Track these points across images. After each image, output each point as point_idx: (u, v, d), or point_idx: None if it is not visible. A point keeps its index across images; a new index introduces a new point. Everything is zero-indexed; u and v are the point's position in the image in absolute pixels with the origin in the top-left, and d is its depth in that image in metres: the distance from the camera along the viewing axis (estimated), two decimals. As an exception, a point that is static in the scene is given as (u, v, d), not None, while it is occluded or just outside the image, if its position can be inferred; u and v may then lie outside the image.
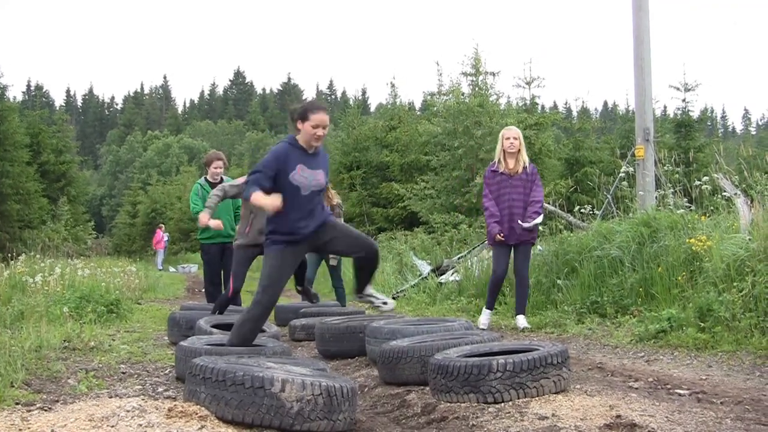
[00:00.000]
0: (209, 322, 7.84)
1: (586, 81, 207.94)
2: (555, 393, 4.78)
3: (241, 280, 8.73)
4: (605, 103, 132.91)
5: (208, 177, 10.79)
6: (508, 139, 9.22)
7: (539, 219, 9.08)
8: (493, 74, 26.83)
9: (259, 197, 5.83)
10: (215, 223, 9.72)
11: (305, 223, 6.10)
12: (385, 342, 6.25)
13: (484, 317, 9.32)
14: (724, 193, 9.57)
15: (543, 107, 51.23)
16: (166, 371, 6.78)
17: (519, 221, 8.98)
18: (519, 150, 9.21)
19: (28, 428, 3.84)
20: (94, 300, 10.87)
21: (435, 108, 27.78)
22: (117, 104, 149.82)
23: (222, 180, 10.60)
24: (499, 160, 9.24)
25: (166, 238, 41.12)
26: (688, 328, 7.17)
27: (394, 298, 13.43)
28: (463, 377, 4.75)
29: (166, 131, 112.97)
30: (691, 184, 10.23)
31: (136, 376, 6.48)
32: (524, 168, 9.17)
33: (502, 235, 9.02)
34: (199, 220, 9.69)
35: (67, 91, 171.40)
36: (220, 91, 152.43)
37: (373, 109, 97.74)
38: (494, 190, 9.20)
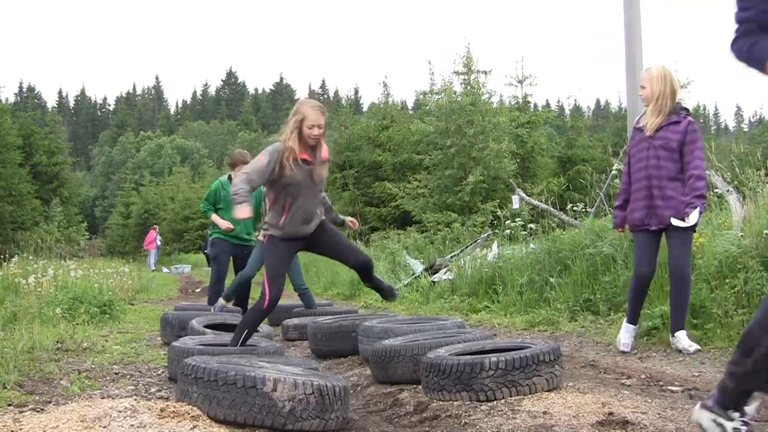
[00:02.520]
0: (202, 323, 7.84)
1: (578, 79, 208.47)
2: (547, 391, 4.78)
3: (280, 286, 6.36)
4: (597, 101, 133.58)
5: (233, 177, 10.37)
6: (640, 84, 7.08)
7: (695, 213, 6.38)
8: (485, 73, 26.86)
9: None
10: (224, 225, 10.06)
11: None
12: (378, 341, 6.25)
13: (626, 335, 7.00)
14: (717, 190, 9.58)
15: (535, 105, 51.33)
16: (159, 372, 6.78)
17: (658, 206, 6.62)
18: (659, 95, 6.82)
19: (20, 429, 3.83)
20: (87, 301, 10.85)
21: (427, 107, 27.78)
22: (109, 105, 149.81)
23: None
24: (645, 112, 6.99)
25: (158, 240, 41.08)
26: (681, 325, 7.17)
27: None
28: (456, 375, 4.75)
29: (158, 132, 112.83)
30: (683, 182, 10.21)
31: (128, 376, 6.47)
32: (673, 122, 6.70)
33: (620, 229, 7.24)
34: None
35: (60, 93, 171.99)
36: (212, 91, 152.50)
37: (365, 108, 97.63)
38: (634, 154, 6.93)
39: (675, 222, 6.43)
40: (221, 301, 9.92)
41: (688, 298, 6.71)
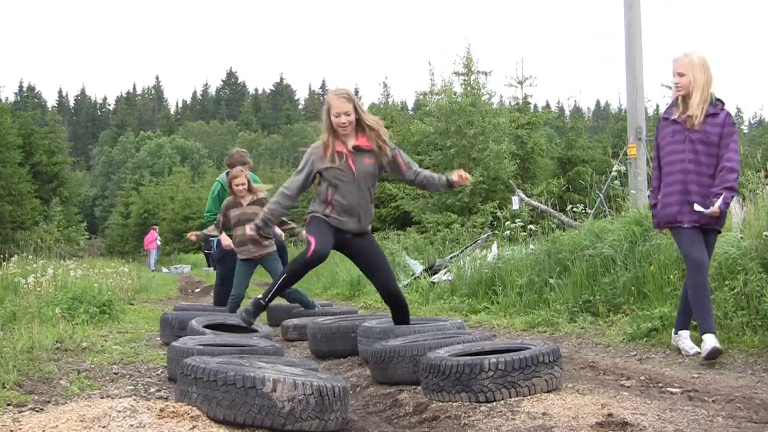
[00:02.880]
0: (201, 323, 7.84)
1: (578, 80, 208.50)
2: (547, 392, 4.78)
3: (327, 243, 6.15)
4: (597, 102, 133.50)
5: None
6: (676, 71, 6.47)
7: (720, 202, 6.13)
8: (485, 73, 26.90)
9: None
10: (225, 242, 10.04)
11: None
12: (377, 342, 6.24)
13: (709, 341, 6.10)
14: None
15: (535, 106, 51.29)
16: (158, 372, 6.77)
17: (695, 201, 6.26)
18: (704, 84, 6.37)
19: (20, 429, 3.84)
20: (86, 301, 10.85)
21: (427, 108, 27.80)
22: (109, 105, 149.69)
23: (249, 183, 9.80)
24: (676, 102, 6.54)
25: (158, 241, 41.10)
26: (680, 327, 7.17)
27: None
28: (455, 376, 4.75)
29: (158, 132, 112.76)
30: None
31: (128, 376, 6.47)
32: (710, 114, 6.33)
33: (663, 230, 6.83)
34: (222, 242, 10.10)
35: (60, 92, 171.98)
36: (212, 91, 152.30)
37: (365, 108, 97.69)
38: (665, 146, 6.52)
39: (697, 207, 6.15)
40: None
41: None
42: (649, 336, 7.35)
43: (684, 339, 6.58)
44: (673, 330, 6.77)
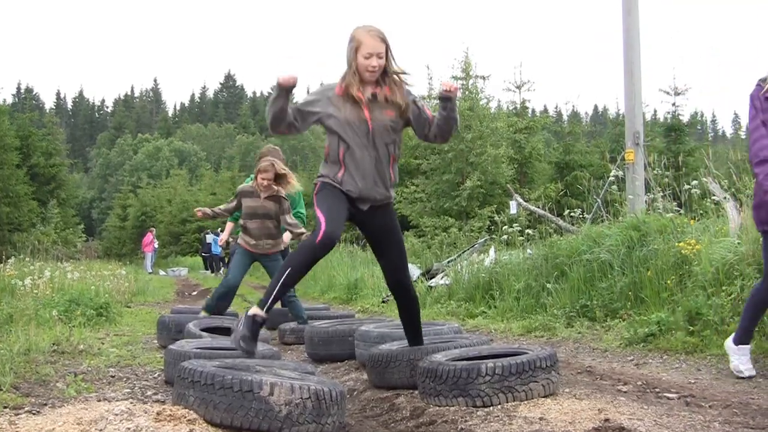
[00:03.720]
0: (198, 326, 7.83)
1: (576, 85, 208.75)
2: (544, 396, 4.78)
3: (338, 223, 5.23)
4: (595, 107, 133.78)
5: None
6: None
7: None
8: (483, 78, 26.96)
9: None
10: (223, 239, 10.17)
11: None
12: (374, 346, 6.24)
13: (744, 359, 5.82)
14: (714, 197, 9.59)
15: (533, 111, 51.31)
16: (155, 375, 6.77)
17: None
18: None
19: (16, 432, 3.84)
20: (83, 303, 10.84)
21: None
22: (107, 107, 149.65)
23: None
24: None
25: (156, 243, 41.09)
26: (677, 332, 7.18)
27: (383, 302, 13.45)
28: (452, 381, 4.75)
29: (156, 134, 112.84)
30: (680, 188, 10.25)
31: (125, 379, 6.46)
32: None
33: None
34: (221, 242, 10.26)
35: (57, 94, 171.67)
36: (210, 94, 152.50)
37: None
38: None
39: None
40: (202, 313, 9.20)
41: None
42: (646, 341, 7.35)
43: (741, 357, 5.81)
44: (731, 339, 5.93)
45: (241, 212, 9.23)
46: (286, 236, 9.49)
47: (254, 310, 5.14)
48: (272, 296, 5.15)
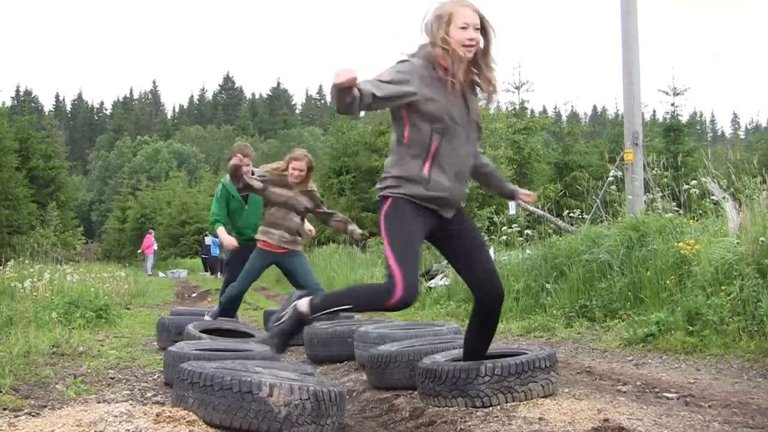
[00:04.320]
0: (198, 327, 7.83)
1: (575, 85, 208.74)
2: (543, 397, 4.77)
3: (415, 268, 4.37)
4: (594, 108, 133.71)
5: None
6: None
7: None
8: (483, 78, 26.83)
9: None
10: (228, 241, 9.14)
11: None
12: (374, 346, 6.24)
13: None
14: (713, 197, 9.59)
15: (532, 112, 51.35)
16: (155, 376, 6.77)
17: None
18: None
19: (15, 434, 3.84)
20: (83, 305, 10.85)
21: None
22: (106, 109, 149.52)
23: (253, 174, 8.90)
24: None
25: (155, 245, 41.10)
26: (677, 332, 7.18)
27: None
28: (451, 381, 4.74)
29: (155, 136, 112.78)
30: (679, 188, 10.25)
31: (124, 381, 6.47)
32: None
33: None
34: (223, 240, 9.13)
35: (56, 97, 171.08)
36: (209, 96, 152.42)
37: (362, 113, 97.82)
38: None
39: None
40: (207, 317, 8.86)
41: None
42: (645, 341, 7.36)
43: None
44: None
45: (263, 202, 8.62)
46: (307, 225, 9.02)
47: (305, 307, 4.56)
48: (326, 311, 4.50)
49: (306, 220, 8.87)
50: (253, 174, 8.90)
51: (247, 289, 8.75)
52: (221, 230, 9.28)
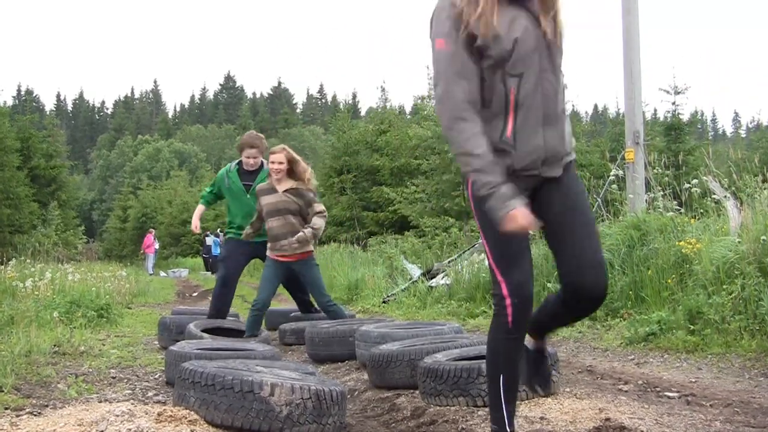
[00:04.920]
0: (199, 327, 7.83)
1: (575, 84, 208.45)
2: (544, 396, 4.78)
3: (524, 271, 3.53)
4: (595, 107, 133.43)
5: (243, 164, 8.98)
6: None
7: None
8: (483, 78, 26.83)
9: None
10: (193, 223, 9.29)
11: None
12: (375, 346, 6.24)
13: None
14: (714, 196, 9.58)
15: (533, 111, 51.27)
16: (156, 376, 6.77)
17: None
18: None
19: (17, 433, 3.84)
20: (84, 305, 10.85)
21: (425, 112, 27.83)
22: (107, 109, 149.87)
23: (262, 166, 8.86)
24: None
25: (156, 244, 41.12)
26: (678, 331, 7.18)
27: (384, 302, 13.45)
28: (453, 380, 4.74)
29: (156, 136, 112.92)
30: (680, 187, 10.24)
31: (125, 380, 6.47)
32: None
33: None
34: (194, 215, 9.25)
35: (58, 96, 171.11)
36: (210, 95, 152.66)
37: (363, 113, 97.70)
38: None
39: None
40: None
41: None
42: (646, 340, 7.35)
43: None
44: None
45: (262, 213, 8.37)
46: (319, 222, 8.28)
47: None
48: (499, 411, 3.50)
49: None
50: (262, 165, 8.84)
51: (270, 299, 8.52)
52: (198, 210, 9.38)
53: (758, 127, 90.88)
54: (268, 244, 8.32)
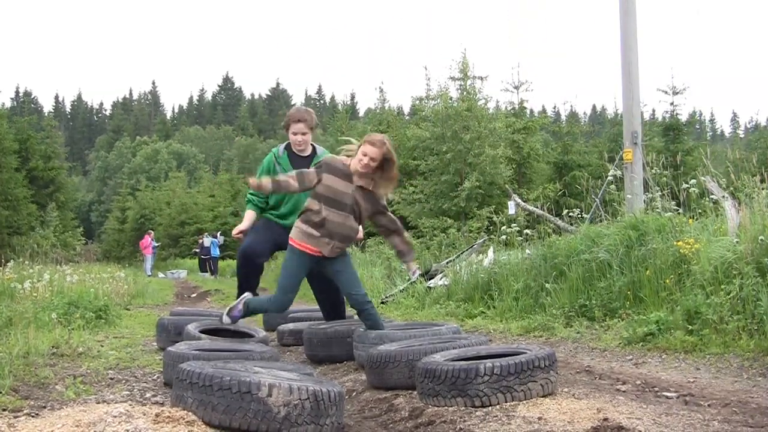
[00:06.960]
0: (197, 328, 7.82)
1: (574, 85, 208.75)
2: (542, 396, 4.78)
3: None
4: (594, 107, 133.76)
5: (292, 144, 7.87)
6: None
7: None
8: (481, 78, 26.96)
9: None
10: (236, 231, 7.89)
11: None
12: (373, 346, 6.23)
13: None
14: (712, 196, 9.58)
15: (531, 111, 51.36)
16: (154, 377, 6.77)
17: None
18: None
19: (15, 434, 3.84)
20: (82, 306, 10.83)
21: (423, 112, 27.90)
22: (106, 110, 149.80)
23: (315, 151, 7.73)
24: None
25: (154, 245, 41.08)
26: (676, 331, 7.18)
27: (383, 303, 13.44)
28: (451, 381, 4.75)
29: (154, 137, 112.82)
30: (679, 188, 10.24)
31: (124, 381, 6.46)
32: None
33: None
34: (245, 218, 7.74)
35: (56, 98, 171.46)
36: (208, 96, 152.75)
37: (361, 114, 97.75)
38: None
39: None
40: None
41: None
42: (645, 340, 7.35)
43: None
44: None
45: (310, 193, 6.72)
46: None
47: None
48: None
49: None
50: (315, 151, 7.87)
51: (291, 301, 7.04)
52: (248, 215, 8.04)
53: (756, 128, 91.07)
54: (302, 231, 6.62)
